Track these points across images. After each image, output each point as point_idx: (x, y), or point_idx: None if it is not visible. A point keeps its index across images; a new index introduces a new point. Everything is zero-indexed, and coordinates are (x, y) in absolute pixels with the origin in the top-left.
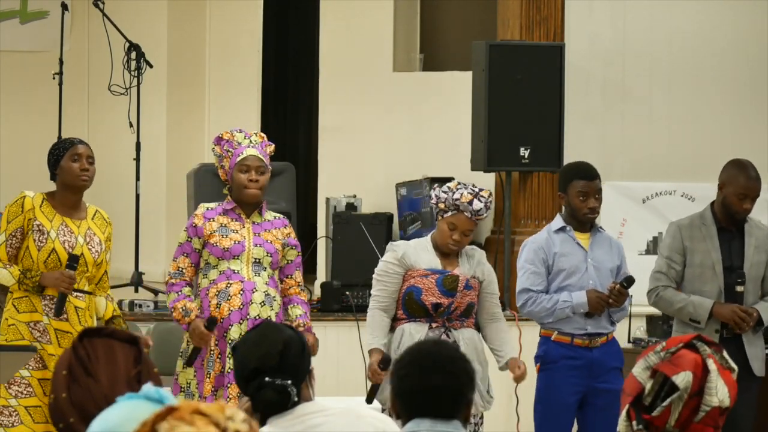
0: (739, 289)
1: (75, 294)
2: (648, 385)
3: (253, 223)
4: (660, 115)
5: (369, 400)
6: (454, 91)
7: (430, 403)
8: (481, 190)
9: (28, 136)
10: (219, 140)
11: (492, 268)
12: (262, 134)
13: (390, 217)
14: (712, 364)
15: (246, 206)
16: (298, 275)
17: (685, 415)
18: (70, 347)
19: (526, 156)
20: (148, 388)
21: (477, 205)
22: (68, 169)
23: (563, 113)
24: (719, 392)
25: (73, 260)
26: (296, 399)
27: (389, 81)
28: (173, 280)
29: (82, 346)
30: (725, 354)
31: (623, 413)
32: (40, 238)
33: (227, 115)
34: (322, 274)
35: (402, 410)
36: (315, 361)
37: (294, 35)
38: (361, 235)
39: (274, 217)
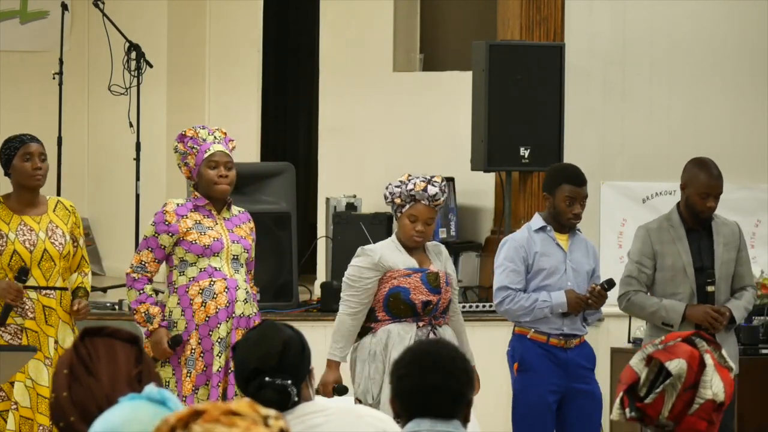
0: (710, 289)
1: (44, 292)
2: (643, 374)
3: (224, 219)
4: (660, 115)
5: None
6: (454, 91)
7: (430, 403)
8: (432, 176)
9: None
10: (182, 137)
11: (451, 261)
12: (224, 130)
13: (390, 217)
14: (709, 359)
15: (216, 202)
16: (253, 269)
17: (679, 408)
18: (71, 346)
19: (526, 156)
20: (150, 388)
21: (432, 190)
22: (21, 169)
23: (563, 113)
24: (714, 386)
25: (22, 273)
26: (296, 399)
27: (389, 81)
28: (135, 275)
29: (84, 345)
30: (724, 353)
31: (617, 401)
32: (0, 243)
33: (227, 115)
34: (322, 274)
35: (402, 410)
36: (314, 362)
37: (294, 35)
38: (361, 235)
39: (239, 212)
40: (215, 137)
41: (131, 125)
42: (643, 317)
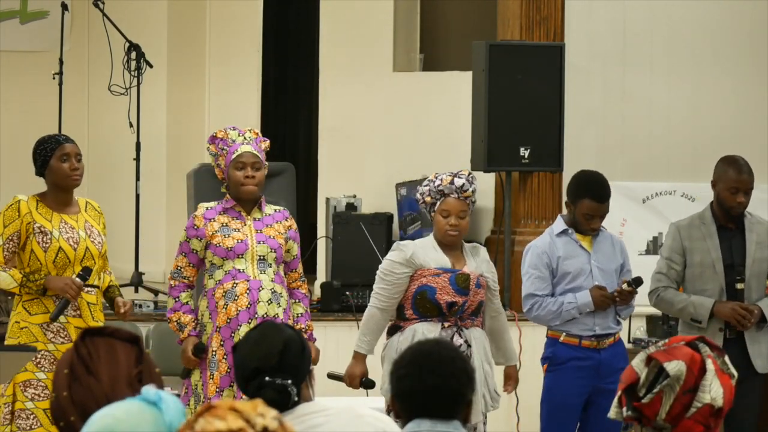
0: (739, 286)
1: (87, 289)
2: (643, 375)
3: (254, 219)
4: (660, 115)
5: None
6: (454, 91)
7: (430, 404)
8: (459, 170)
9: (28, 136)
10: (213, 139)
11: (492, 263)
12: (256, 130)
13: (390, 217)
14: (710, 364)
15: (245, 203)
16: (300, 267)
17: (677, 410)
18: (72, 346)
19: (526, 156)
20: (147, 389)
21: (458, 181)
22: (58, 170)
23: (563, 113)
24: (713, 390)
25: (86, 272)
26: (296, 399)
27: (389, 81)
28: (173, 282)
29: (84, 345)
30: (727, 359)
31: (615, 399)
32: (44, 240)
33: (227, 115)
34: (322, 274)
35: (402, 410)
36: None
37: (294, 35)
38: (361, 235)
39: (275, 210)
40: (245, 138)
41: (131, 125)
42: (672, 313)
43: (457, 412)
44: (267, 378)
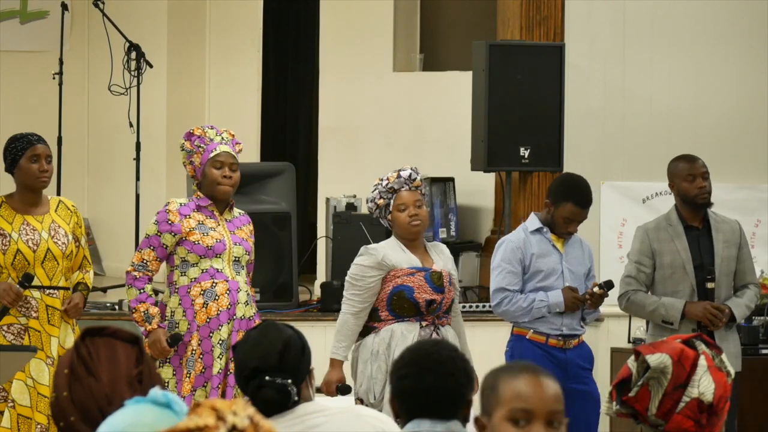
0: (710, 285)
1: (48, 292)
2: (634, 370)
3: (226, 220)
4: (660, 115)
5: None
6: (454, 91)
7: (430, 403)
8: (401, 167)
9: None
10: (190, 136)
11: (453, 260)
12: (232, 132)
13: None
14: (702, 360)
15: (218, 203)
16: (252, 272)
17: (668, 406)
18: (72, 346)
19: (526, 156)
20: (155, 392)
21: (405, 173)
22: (27, 170)
23: (563, 113)
24: (701, 385)
25: (26, 279)
26: (296, 398)
27: (389, 81)
28: (136, 273)
29: (84, 345)
30: (724, 357)
31: (607, 395)
32: (3, 242)
33: (227, 115)
34: (322, 274)
35: (402, 410)
36: (315, 362)
37: (294, 35)
38: (361, 235)
39: (239, 214)
40: (222, 138)
41: (131, 125)
42: (643, 316)
43: (456, 412)
44: (267, 377)
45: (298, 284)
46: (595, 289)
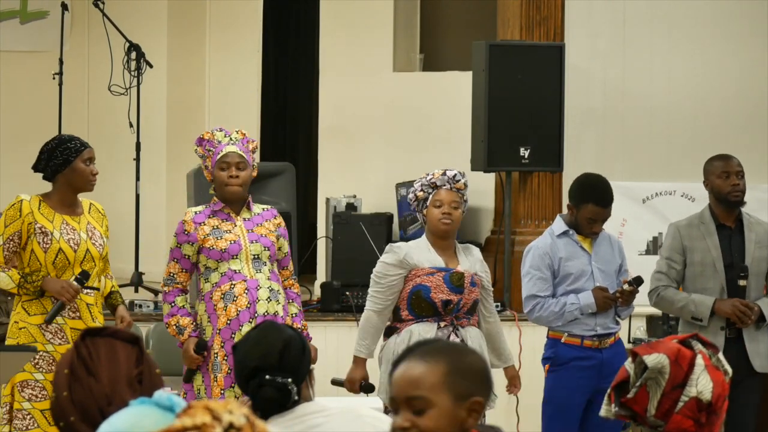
0: (742, 283)
1: (86, 291)
2: (632, 372)
3: (244, 219)
4: (660, 115)
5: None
6: (454, 91)
7: None
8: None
9: (28, 136)
10: (201, 141)
11: (485, 263)
12: (244, 131)
13: (390, 217)
14: (700, 359)
15: (233, 204)
16: (291, 265)
17: (666, 406)
18: (72, 346)
19: (526, 156)
20: (160, 394)
21: (450, 172)
22: (83, 172)
23: (563, 113)
24: (700, 384)
25: (84, 276)
26: (296, 398)
27: (389, 81)
28: (166, 288)
29: (84, 345)
30: (721, 356)
31: (605, 397)
32: (45, 240)
33: (227, 115)
34: (322, 274)
35: None
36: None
37: (294, 35)
38: (361, 235)
39: (263, 209)
40: (231, 138)
41: (131, 125)
42: (673, 312)
43: None
44: (267, 376)
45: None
46: (625, 286)
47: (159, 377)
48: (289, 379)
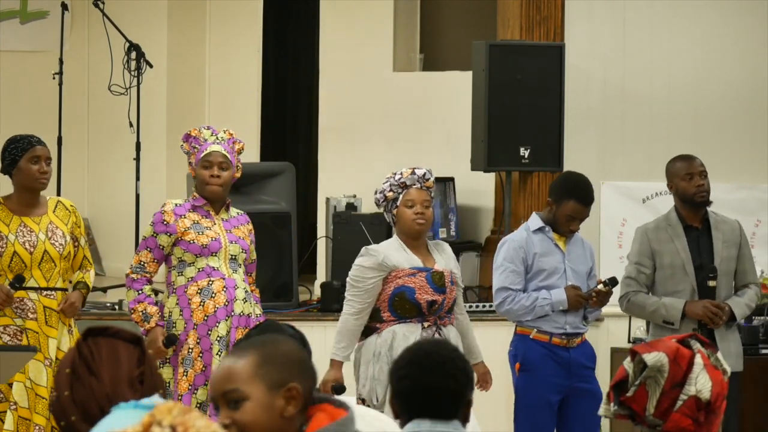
0: (711, 284)
1: (45, 293)
2: (630, 371)
3: (223, 219)
4: (660, 115)
5: None
6: (454, 91)
7: (430, 404)
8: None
9: None
10: (187, 137)
11: (456, 259)
12: (231, 132)
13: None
14: (698, 359)
15: (214, 203)
16: (254, 273)
17: (665, 405)
18: (74, 346)
19: (526, 156)
20: (153, 400)
21: (419, 171)
22: (27, 171)
23: (563, 113)
24: (698, 383)
25: (18, 280)
26: None
27: (389, 81)
28: (134, 275)
29: (86, 345)
30: (719, 356)
31: (604, 396)
32: (0, 244)
33: (227, 116)
34: (322, 274)
35: (401, 410)
36: (314, 361)
37: (294, 35)
38: (361, 235)
39: (237, 214)
40: (217, 137)
41: (131, 125)
42: (644, 317)
43: (456, 412)
44: None
45: (298, 284)
46: (600, 286)
47: (160, 377)
48: None
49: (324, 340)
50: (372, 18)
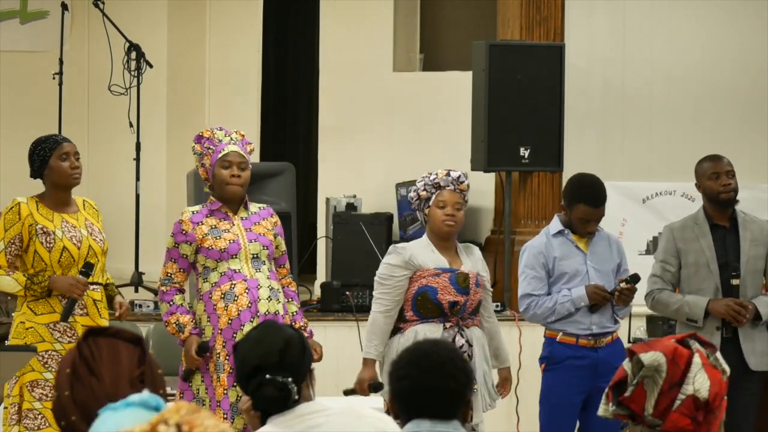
0: (734, 282)
1: (92, 287)
2: (629, 371)
3: (242, 218)
4: (660, 115)
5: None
6: (454, 91)
7: (429, 404)
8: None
9: (28, 136)
10: (199, 138)
11: (485, 263)
12: (242, 132)
13: (390, 217)
14: (697, 358)
15: (231, 203)
16: (288, 263)
17: (664, 405)
18: (75, 345)
19: (526, 156)
20: (145, 395)
21: (454, 173)
22: (59, 169)
23: (563, 113)
24: (696, 382)
25: (88, 267)
26: (297, 397)
27: (389, 81)
28: (163, 288)
29: (87, 345)
30: (719, 355)
31: (603, 396)
32: (47, 240)
33: (227, 115)
34: (322, 274)
35: (401, 411)
36: (314, 362)
37: (294, 35)
38: (361, 235)
39: (260, 208)
40: (231, 138)
41: (131, 125)
42: (668, 315)
43: (456, 412)
44: (267, 376)
45: (298, 284)
46: (622, 284)
47: (161, 377)
48: (290, 379)
49: (324, 341)
50: (372, 18)
